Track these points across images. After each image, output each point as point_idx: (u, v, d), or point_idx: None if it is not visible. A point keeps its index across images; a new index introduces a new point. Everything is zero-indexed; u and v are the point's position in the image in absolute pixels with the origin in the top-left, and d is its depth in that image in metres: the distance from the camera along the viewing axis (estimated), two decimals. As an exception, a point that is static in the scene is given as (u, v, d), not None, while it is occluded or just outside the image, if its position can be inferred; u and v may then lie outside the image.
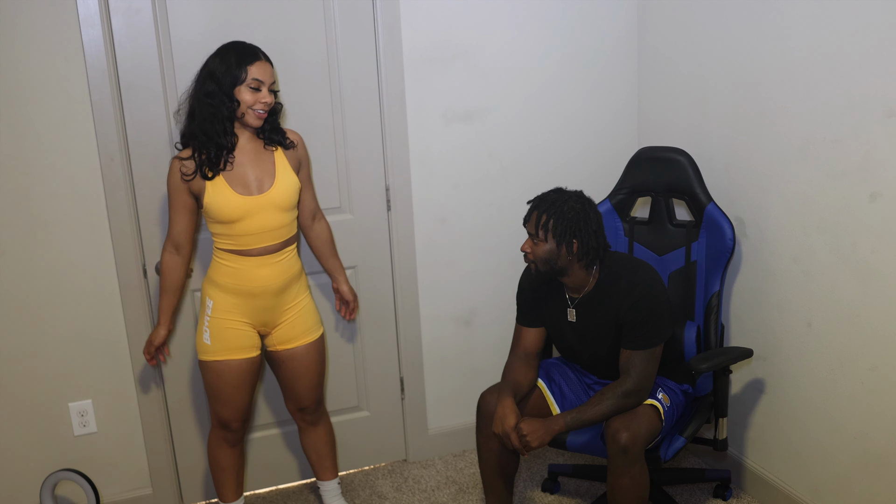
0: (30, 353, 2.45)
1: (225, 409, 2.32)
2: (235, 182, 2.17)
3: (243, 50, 2.15)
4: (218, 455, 2.42)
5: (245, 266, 2.22)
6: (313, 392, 2.43)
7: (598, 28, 2.81)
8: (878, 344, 2.06)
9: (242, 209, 2.16)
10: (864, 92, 1.98)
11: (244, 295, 2.24)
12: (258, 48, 2.18)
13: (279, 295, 2.28)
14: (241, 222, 2.17)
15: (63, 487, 2.56)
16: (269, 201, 2.20)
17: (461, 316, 2.91)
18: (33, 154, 2.33)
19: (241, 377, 2.28)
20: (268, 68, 2.16)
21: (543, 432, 2.10)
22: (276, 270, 2.25)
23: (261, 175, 2.21)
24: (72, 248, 2.42)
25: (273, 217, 2.21)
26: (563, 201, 2.16)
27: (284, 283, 2.28)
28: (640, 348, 2.14)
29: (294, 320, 2.33)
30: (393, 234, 2.75)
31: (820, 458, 2.31)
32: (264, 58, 2.17)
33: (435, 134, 2.72)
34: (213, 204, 2.15)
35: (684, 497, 2.61)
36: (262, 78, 2.14)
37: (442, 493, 2.75)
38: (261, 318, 2.29)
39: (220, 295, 2.25)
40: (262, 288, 2.24)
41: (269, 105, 2.17)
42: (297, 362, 2.37)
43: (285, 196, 2.22)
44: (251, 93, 2.14)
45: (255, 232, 2.20)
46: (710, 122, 2.55)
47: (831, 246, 2.15)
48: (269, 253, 2.23)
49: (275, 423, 2.79)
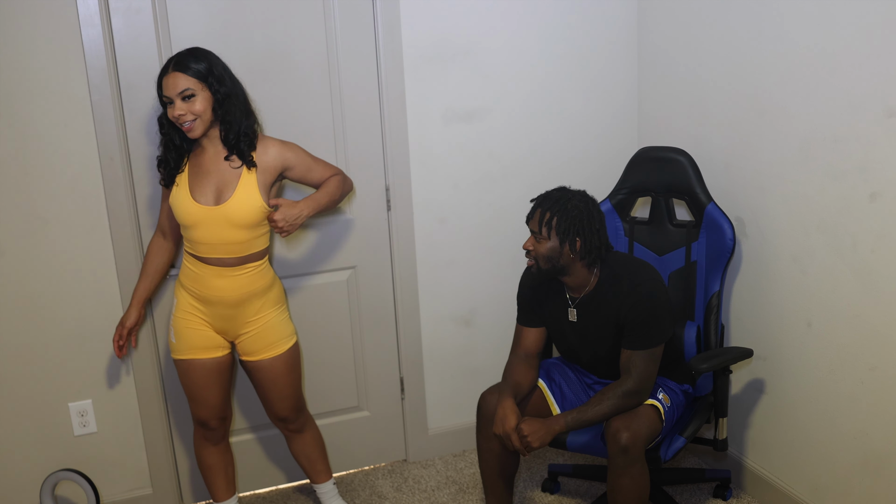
0: (30, 353, 2.45)
1: (198, 407, 2.33)
2: (196, 189, 2.15)
3: (163, 66, 2.07)
4: (202, 454, 2.43)
5: (203, 273, 2.21)
6: (286, 402, 2.39)
7: (598, 28, 2.81)
8: (878, 344, 2.06)
9: (195, 216, 2.13)
10: (864, 92, 1.98)
11: (202, 300, 2.24)
12: (173, 58, 2.06)
13: (237, 307, 2.23)
14: (195, 229, 2.15)
15: (63, 487, 2.56)
16: (223, 214, 2.12)
17: (461, 316, 2.91)
18: (33, 154, 2.33)
19: (207, 376, 2.29)
20: (174, 79, 2.01)
21: (544, 432, 2.10)
22: (234, 284, 2.20)
23: (221, 187, 2.14)
24: (72, 248, 2.42)
25: (226, 231, 2.14)
26: (568, 199, 2.16)
27: (242, 297, 2.22)
28: (640, 348, 2.14)
29: (255, 334, 2.28)
30: (393, 234, 2.75)
31: (820, 458, 2.31)
32: (175, 67, 2.03)
33: (435, 134, 2.72)
34: (173, 205, 2.18)
35: (684, 497, 2.61)
36: (167, 93, 2.04)
37: (442, 493, 2.74)
38: (220, 325, 2.27)
39: (183, 295, 2.27)
40: (218, 298, 2.22)
41: (186, 116, 2.04)
42: (263, 374, 2.33)
43: (240, 213, 2.12)
44: (170, 108, 2.05)
45: (209, 242, 2.16)
46: (710, 122, 2.55)
47: (831, 246, 2.15)
48: (226, 266, 2.19)
49: (273, 424, 2.78)
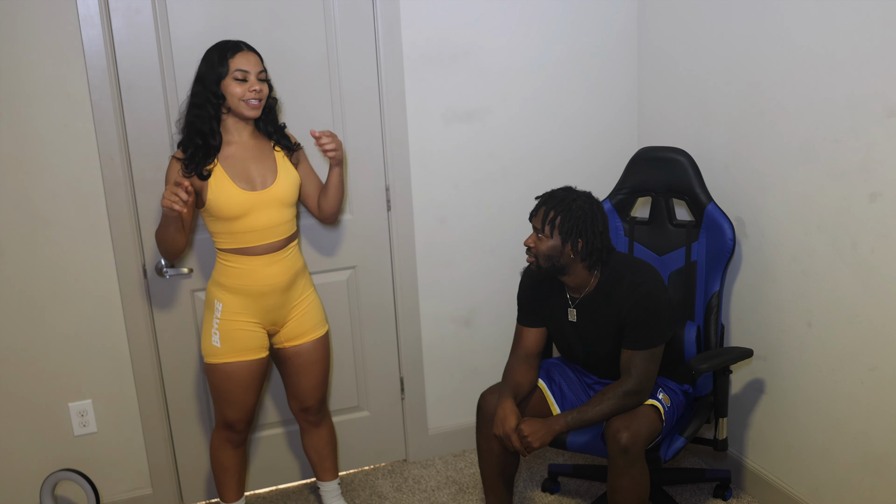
0: (30, 353, 2.45)
1: (232, 410, 2.30)
2: (238, 177, 2.16)
3: (224, 45, 2.15)
4: (221, 456, 2.41)
5: (251, 266, 2.21)
6: (317, 391, 2.43)
7: (598, 28, 2.81)
8: (878, 344, 2.06)
9: (246, 204, 2.15)
10: (864, 92, 1.98)
11: (253, 295, 2.23)
12: (241, 41, 2.17)
13: (287, 292, 2.28)
14: (244, 219, 2.16)
15: (63, 487, 2.56)
16: (273, 197, 2.19)
17: (461, 316, 2.91)
18: (33, 154, 2.33)
19: (251, 378, 2.28)
20: (252, 57, 2.14)
21: (544, 433, 2.10)
22: (283, 267, 2.25)
23: (263, 171, 2.20)
24: (72, 248, 2.42)
25: (276, 213, 2.20)
26: (572, 199, 2.16)
27: (291, 279, 2.28)
28: (641, 348, 2.14)
29: (301, 316, 2.33)
30: (393, 234, 2.75)
31: (820, 458, 2.31)
32: (247, 48, 2.16)
33: (435, 134, 2.72)
34: (216, 199, 2.14)
35: (684, 497, 2.61)
36: (246, 67, 2.12)
37: (442, 493, 2.74)
38: (270, 318, 2.28)
39: (228, 297, 2.23)
40: (271, 286, 2.24)
41: (260, 94, 2.15)
42: (302, 359, 2.37)
43: (288, 192, 2.22)
44: (238, 84, 2.12)
45: (259, 228, 2.19)
46: (710, 122, 2.55)
47: (831, 246, 2.15)
48: (274, 251, 2.22)
49: (275, 424, 2.79)
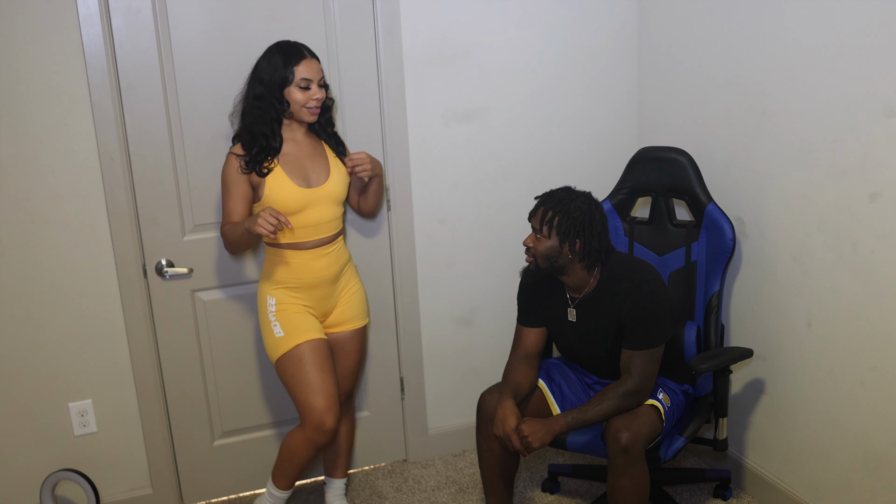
0: (30, 353, 2.45)
1: (317, 396, 2.22)
2: (295, 174, 2.24)
3: (289, 50, 2.20)
4: (302, 455, 2.30)
5: (301, 260, 2.28)
6: (348, 381, 2.49)
7: (598, 27, 2.81)
8: (878, 344, 2.06)
9: (302, 201, 2.23)
10: (864, 92, 1.98)
11: (303, 287, 2.30)
12: (303, 46, 2.22)
13: (335, 283, 2.36)
14: (299, 214, 2.23)
15: (63, 487, 2.56)
16: (326, 194, 2.27)
17: (461, 316, 2.91)
18: (33, 154, 2.33)
19: (322, 357, 2.27)
20: (314, 65, 2.21)
21: (544, 433, 2.10)
22: (331, 260, 2.33)
23: (318, 169, 2.29)
24: (72, 248, 2.42)
25: (328, 209, 2.28)
26: (571, 200, 2.16)
27: (339, 270, 2.36)
28: (641, 348, 2.14)
29: (346, 305, 2.41)
30: (393, 234, 2.75)
31: (820, 458, 2.31)
32: (310, 55, 2.22)
33: (435, 134, 2.72)
34: (275, 196, 2.21)
35: (684, 497, 2.61)
36: (310, 76, 2.20)
37: (442, 493, 2.74)
38: (321, 308, 2.35)
39: (279, 291, 2.30)
40: (321, 278, 2.31)
41: (321, 101, 2.24)
42: (339, 346, 2.42)
43: (340, 190, 2.31)
44: (301, 92, 2.20)
45: (314, 223, 2.26)
46: (710, 122, 2.55)
47: (831, 246, 2.15)
48: (324, 245, 2.31)
49: (275, 424, 2.79)
